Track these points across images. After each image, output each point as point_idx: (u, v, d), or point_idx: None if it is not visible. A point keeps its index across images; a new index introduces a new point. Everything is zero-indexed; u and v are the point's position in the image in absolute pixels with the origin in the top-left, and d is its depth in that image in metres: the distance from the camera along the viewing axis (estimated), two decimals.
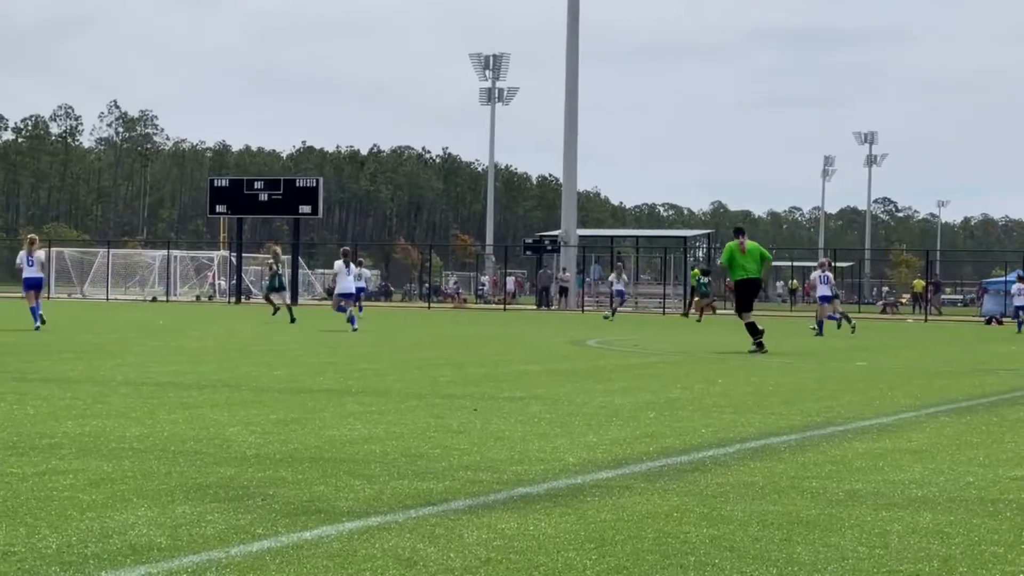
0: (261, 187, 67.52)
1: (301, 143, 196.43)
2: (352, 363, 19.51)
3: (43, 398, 12.93)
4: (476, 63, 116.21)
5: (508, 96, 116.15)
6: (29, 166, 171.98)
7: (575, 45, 73.22)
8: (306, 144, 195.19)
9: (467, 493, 7.84)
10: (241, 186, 67.93)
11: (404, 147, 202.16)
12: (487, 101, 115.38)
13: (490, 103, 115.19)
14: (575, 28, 73.04)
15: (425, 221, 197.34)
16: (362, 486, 7.96)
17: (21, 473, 8.15)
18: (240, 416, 11.69)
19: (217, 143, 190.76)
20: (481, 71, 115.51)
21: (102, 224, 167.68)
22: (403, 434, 10.63)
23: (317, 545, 6.27)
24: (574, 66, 73.22)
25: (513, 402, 13.74)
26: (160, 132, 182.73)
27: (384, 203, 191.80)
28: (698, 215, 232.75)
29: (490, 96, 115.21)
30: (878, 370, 19.19)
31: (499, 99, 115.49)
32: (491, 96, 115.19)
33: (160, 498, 7.37)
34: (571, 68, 73.25)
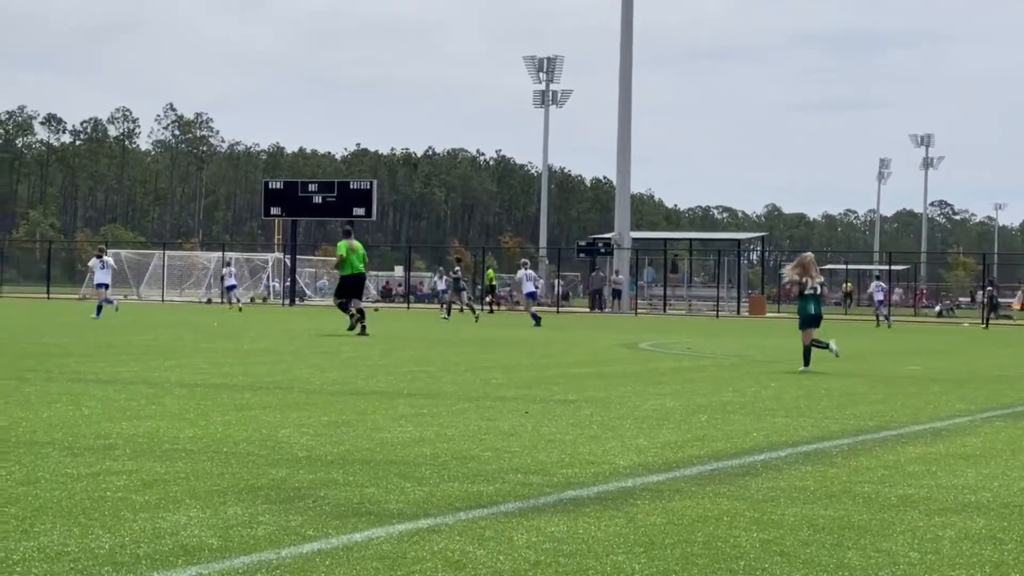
0: (315, 189, 67.76)
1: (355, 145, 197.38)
2: (403, 365, 19.55)
3: (98, 399, 13.04)
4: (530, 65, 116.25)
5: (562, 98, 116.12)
6: (87, 168, 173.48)
7: (629, 48, 73.09)
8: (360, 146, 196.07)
9: (517, 496, 7.84)
10: (296, 188, 68.21)
11: (458, 149, 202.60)
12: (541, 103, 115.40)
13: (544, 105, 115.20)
14: (629, 31, 72.92)
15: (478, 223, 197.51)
16: (412, 488, 7.98)
17: (76, 473, 8.23)
18: (292, 418, 11.75)
19: (271, 145, 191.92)
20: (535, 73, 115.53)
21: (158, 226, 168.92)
22: (454, 436, 10.65)
23: (367, 547, 6.29)
24: (628, 68, 73.10)
25: (564, 405, 13.73)
26: (215, 135, 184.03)
27: (438, 205, 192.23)
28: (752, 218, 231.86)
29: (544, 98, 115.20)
30: (932, 374, 19.05)
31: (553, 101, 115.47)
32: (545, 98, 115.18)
33: (212, 499, 7.42)
34: (625, 70, 73.13)
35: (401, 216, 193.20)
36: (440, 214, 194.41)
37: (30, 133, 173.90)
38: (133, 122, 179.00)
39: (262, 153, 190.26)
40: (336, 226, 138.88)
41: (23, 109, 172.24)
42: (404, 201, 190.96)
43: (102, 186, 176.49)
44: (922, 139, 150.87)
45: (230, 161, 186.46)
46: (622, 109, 73.25)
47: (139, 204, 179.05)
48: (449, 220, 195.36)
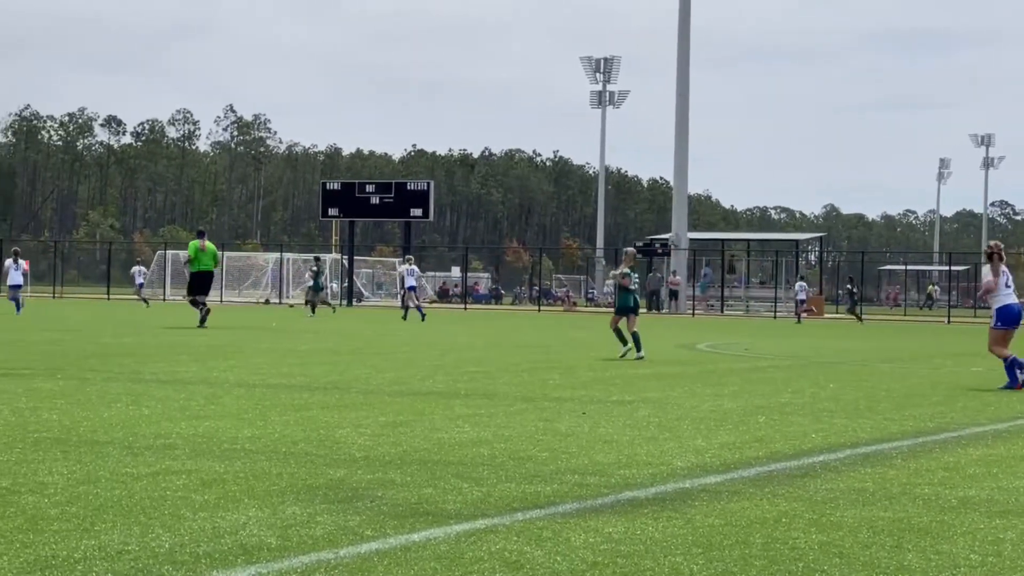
0: (373, 190, 68.04)
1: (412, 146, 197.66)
2: (461, 366, 19.59)
3: (158, 399, 13.14)
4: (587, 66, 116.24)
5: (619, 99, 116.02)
6: (146, 170, 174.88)
7: (686, 48, 72.90)
8: (417, 147, 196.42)
9: (574, 496, 7.84)
10: (353, 189, 68.51)
11: (515, 150, 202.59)
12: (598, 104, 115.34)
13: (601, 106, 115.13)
14: (686, 31, 72.73)
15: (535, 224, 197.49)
16: (470, 489, 8.00)
17: (136, 473, 8.30)
18: (350, 418, 11.80)
19: (329, 146, 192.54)
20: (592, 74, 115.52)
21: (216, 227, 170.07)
22: (511, 437, 10.66)
23: (424, 547, 6.31)
24: (685, 69, 72.92)
25: (621, 406, 13.72)
26: (273, 136, 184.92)
27: (495, 206, 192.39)
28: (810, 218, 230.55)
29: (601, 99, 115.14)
30: (994, 376, 18.83)
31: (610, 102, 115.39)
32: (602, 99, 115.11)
33: (271, 499, 7.46)
34: (682, 71, 72.96)
35: (458, 217, 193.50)
36: (497, 215, 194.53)
37: (90, 135, 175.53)
38: (193, 124, 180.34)
39: (320, 154, 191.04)
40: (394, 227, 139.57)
41: (83, 111, 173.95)
42: (461, 202, 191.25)
43: (161, 187, 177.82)
44: (982, 139, 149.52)
45: (288, 162, 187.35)
46: (679, 109, 73.06)
47: (197, 205, 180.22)
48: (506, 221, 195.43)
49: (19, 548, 6.05)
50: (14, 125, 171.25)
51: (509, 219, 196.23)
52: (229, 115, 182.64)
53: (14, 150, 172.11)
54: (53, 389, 13.98)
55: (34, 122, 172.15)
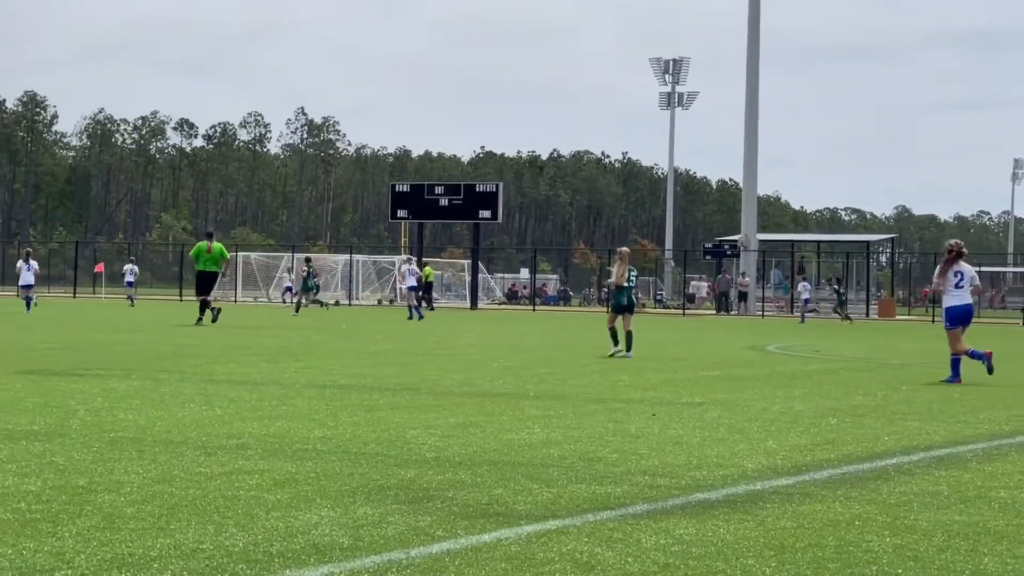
0: (441, 192, 68.17)
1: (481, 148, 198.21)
2: (530, 367, 19.60)
3: (230, 399, 13.25)
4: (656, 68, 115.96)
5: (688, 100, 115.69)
6: (217, 172, 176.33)
7: (756, 49, 72.55)
8: (486, 149, 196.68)
9: (645, 498, 7.82)
10: (422, 191, 68.68)
11: (583, 152, 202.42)
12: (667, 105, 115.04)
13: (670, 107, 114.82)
14: (756, 32, 72.37)
15: (604, 226, 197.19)
16: (540, 489, 8.00)
17: (209, 472, 8.37)
18: (420, 419, 11.84)
19: (398, 148, 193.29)
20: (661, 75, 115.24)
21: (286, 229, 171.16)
22: (581, 438, 10.65)
23: (495, 547, 6.32)
24: (755, 70, 72.56)
25: (691, 407, 13.67)
26: (342, 138, 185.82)
27: (563, 208, 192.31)
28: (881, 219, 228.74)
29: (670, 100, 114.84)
30: None
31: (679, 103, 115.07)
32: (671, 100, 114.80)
33: (342, 499, 7.50)
34: (752, 72, 72.60)
35: (526, 218, 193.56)
36: (565, 216, 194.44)
37: (163, 138, 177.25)
38: (264, 127, 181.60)
39: (389, 156, 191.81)
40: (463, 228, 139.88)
41: (156, 114, 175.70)
42: (530, 203, 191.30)
43: (232, 189, 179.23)
44: None
45: (357, 164, 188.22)
46: (749, 110, 72.73)
47: (268, 207, 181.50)
48: (574, 222, 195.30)
49: (96, 546, 6.12)
50: (88, 128, 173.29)
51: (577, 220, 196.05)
52: (300, 117, 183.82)
53: (89, 153, 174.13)
54: (128, 389, 14.14)
55: (108, 125, 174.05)
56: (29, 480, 7.90)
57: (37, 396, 13.12)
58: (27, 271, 43.49)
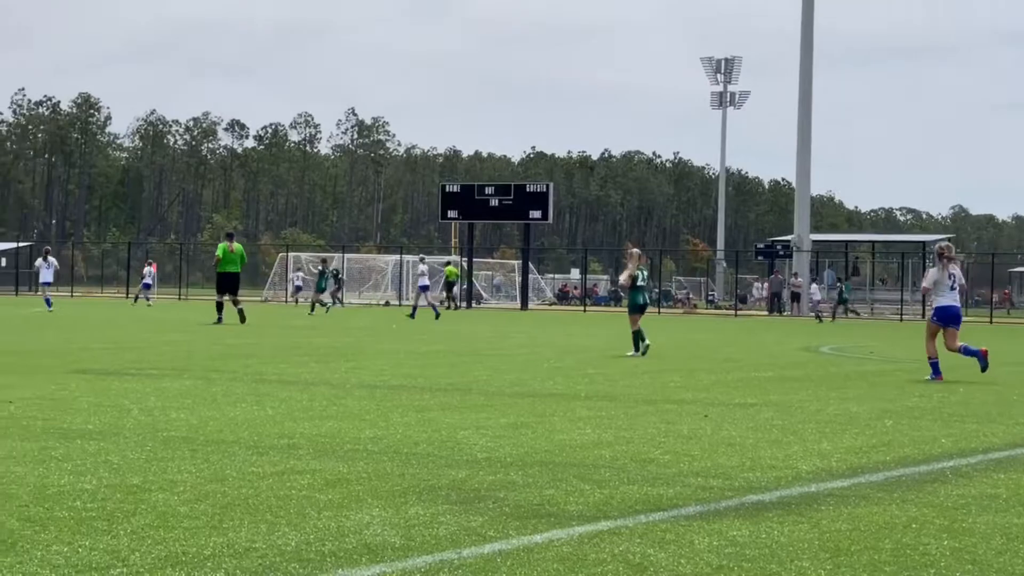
0: (492, 192, 68.20)
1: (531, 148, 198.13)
2: (581, 368, 19.58)
3: (281, 399, 13.30)
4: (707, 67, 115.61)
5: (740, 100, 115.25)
6: (268, 173, 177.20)
7: (809, 48, 72.18)
8: (536, 149, 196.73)
9: (698, 499, 7.79)
10: (472, 191, 68.74)
11: (634, 152, 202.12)
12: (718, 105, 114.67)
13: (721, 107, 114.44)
14: (809, 31, 72.00)
15: (655, 226, 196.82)
16: (592, 490, 7.99)
17: (261, 472, 8.40)
18: (471, 419, 11.84)
19: (448, 149, 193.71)
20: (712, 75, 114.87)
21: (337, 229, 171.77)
22: (633, 439, 10.63)
23: (547, 548, 6.31)
24: (808, 68, 72.19)
25: (744, 408, 13.62)
26: (392, 138, 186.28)
27: (614, 208, 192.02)
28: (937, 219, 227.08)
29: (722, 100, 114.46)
30: None
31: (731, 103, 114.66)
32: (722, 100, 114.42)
33: (394, 499, 7.51)
34: (805, 71, 72.24)
35: (577, 219, 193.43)
36: (616, 217, 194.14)
37: (214, 139, 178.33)
38: (315, 127, 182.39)
39: (439, 156, 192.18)
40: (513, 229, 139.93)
41: (207, 115, 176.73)
42: (580, 204, 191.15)
43: (283, 190, 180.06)
44: None
45: (407, 164, 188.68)
46: (802, 110, 72.37)
47: (318, 207, 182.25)
48: (625, 223, 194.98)
49: (151, 544, 6.16)
50: (141, 130, 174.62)
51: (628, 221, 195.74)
52: (350, 118, 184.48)
53: (141, 154, 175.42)
54: (180, 389, 14.22)
55: (160, 127, 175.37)
56: (84, 479, 7.96)
57: (91, 395, 13.22)
58: (46, 269, 44.16)
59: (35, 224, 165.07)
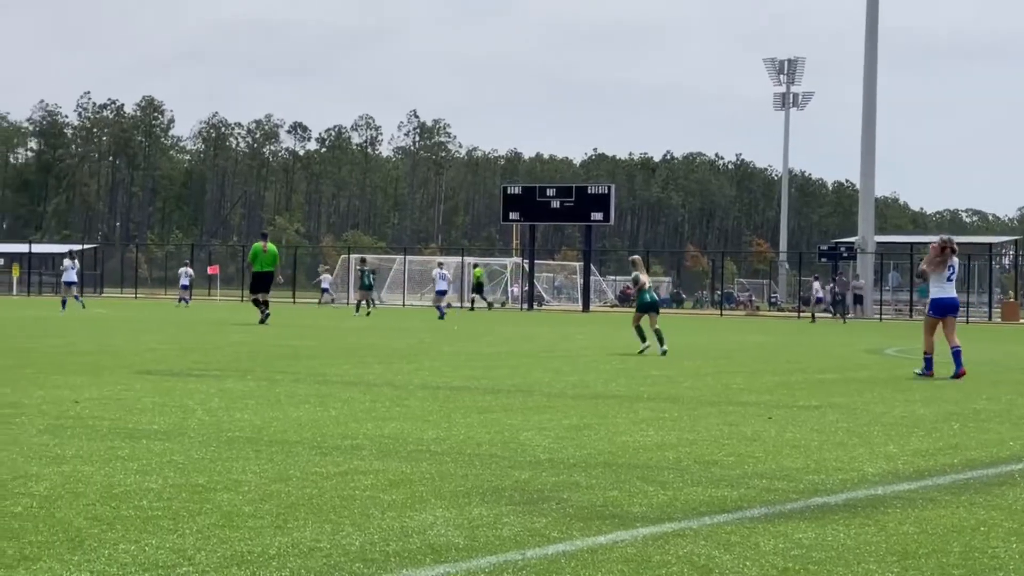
0: (553, 194, 68.16)
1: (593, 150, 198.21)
2: (643, 369, 19.54)
3: (344, 400, 13.36)
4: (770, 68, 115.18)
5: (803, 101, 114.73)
6: (330, 175, 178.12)
7: (874, 48, 71.70)
8: (598, 151, 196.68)
9: (762, 501, 7.76)
10: (534, 193, 68.72)
11: (696, 153, 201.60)
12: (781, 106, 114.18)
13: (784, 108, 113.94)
14: (874, 31, 71.53)
15: (717, 228, 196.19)
16: (655, 492, 7.97)
17: (325, 472, 8.44)
18: (534, 421, 11.85)
19: (509, 151, 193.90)
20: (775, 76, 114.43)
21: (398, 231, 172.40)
22: (696, 441, 10.60)
23: (611, 550, 6.30)
24: (873, 69, 71.71)
25: (808, 410, 13.54)
26: (453, 140, 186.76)
27: (675, 210, 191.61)
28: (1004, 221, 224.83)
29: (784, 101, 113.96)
30: None
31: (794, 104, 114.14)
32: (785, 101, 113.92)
33: (457, 500, 7.53)
34: (869, 72, 71.76)
35: (638, 221, 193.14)
36: (678, 218, 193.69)
37: (276, 141, 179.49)
38: (376, 129, 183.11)
39: (500, 158, 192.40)
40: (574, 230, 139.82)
41: (270, 118, 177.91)
42: (641, 206, 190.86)
43: (345, 192, 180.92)
44: None
45: (469, 166, 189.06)
46: (866, 111, 71.90)
47: (380, 209, 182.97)
48: (687, 225, 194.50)
49: (216, 543, 6.20)
50: (203, 132, 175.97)
51: (690, 223, 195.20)
52: (411, 120, 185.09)
53: (203, 156, 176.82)
54: (244, 390, 14.32)
55: (222, 129, 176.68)
56: (150, 478, 8.03)
57: (156, 396, 13.34)
58: (71, 270, 45.55)
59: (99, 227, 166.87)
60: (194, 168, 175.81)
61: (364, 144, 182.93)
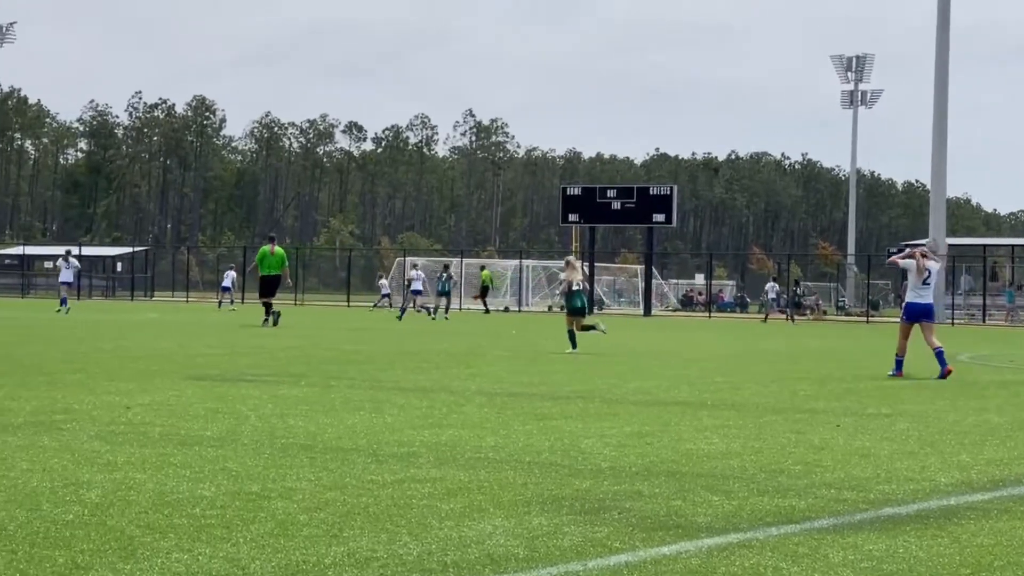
0: (614, 195, 68.11)
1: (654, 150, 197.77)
2: (707, 376, 19.48)
3: (399, 407, 13.40)
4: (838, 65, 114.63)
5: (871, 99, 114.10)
6: (386, 176, 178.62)
7: (945, 45, 71.12)
8: (659, 151, 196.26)
9: (831, 512, 7.72)
10: (593, 194, 68.67)
11: (761, 153, 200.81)
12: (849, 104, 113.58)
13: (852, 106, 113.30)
14: (945, 27, 70.97)
15: (782, 229, 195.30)
16: (720, 502, 7.95)
17: (381, 480, 8.47)
18: (594, 428, 11.84)
19: (568, 150, 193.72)
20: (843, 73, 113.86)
21: (454, 233, 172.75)
22: (762, 449, 10.57)
23: (675, 560, 6.29)
24: (944, 66, 71.14)
25: (878, 418, 13.46)
26: (511, 140, 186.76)
27: (739, 211, 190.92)
28: None
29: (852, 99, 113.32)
30: None
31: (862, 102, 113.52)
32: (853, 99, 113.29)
33: (516, 509, 7.53)
34: (940, 69, 71.20)
35: (701, 222, 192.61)
36: (742, 220, 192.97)
37: (331, 141, 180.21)
38: (432, 129, 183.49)
39: (559, 158, 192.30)
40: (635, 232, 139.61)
41: (325, 118, 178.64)
42: (704, 207, 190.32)
43: (400, 193, 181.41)
44: None
45: (527, 167, 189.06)
46: (937, 109, 71.34)
47: (436, 211, 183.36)
48: (751, 226, 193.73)
49: (271, 552, 6.24)
50: (256, 132, 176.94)
51: (754, 224, 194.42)
52: (467, 120, 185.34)
53: (256, 157, 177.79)
54: (298, 396, 14.40)
55: (275, 129, 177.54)
56: (203, 486, 8.09)
57: (208, 402, 13.43)
58: (66, 269, 46.04)
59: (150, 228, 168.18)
60: (246, 169, 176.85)
61: (420, 144, 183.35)
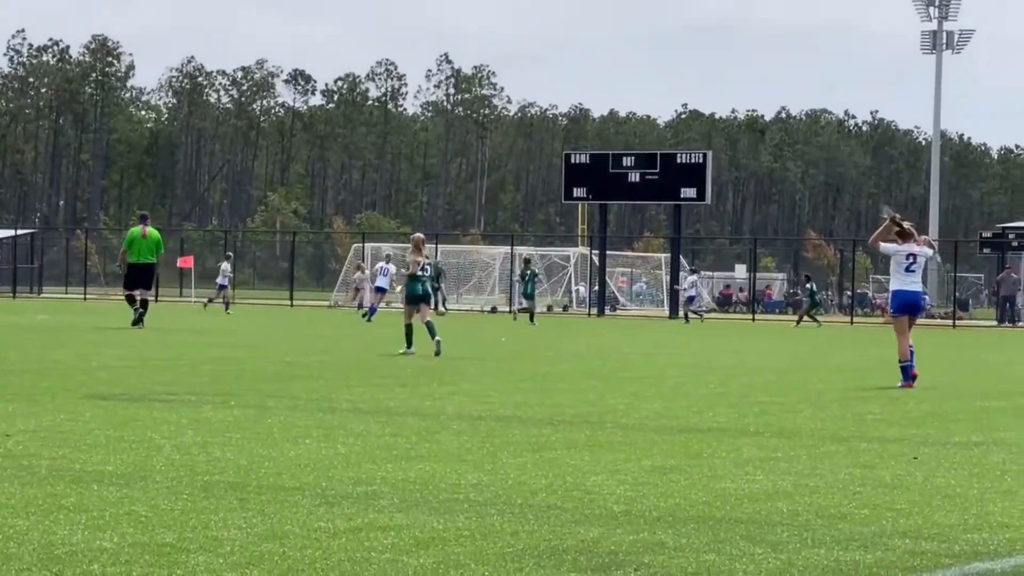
0: (631, 164, 68.11)
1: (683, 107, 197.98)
2: (749, 394, 19.53)
3: (356, 434, 13.41)
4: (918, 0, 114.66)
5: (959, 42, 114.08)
6: (340, 139, 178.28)
7: None
8: (689, 108, 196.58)
9: (906, 567, 7.77)
10: (605, 163, 68.70)
11: (820, 111, 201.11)
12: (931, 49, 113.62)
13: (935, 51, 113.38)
14: None
15: (846, 209, 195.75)
16: (765, 555, 7.98)
17: (332, 528, 8.49)
18: (605, 461, 11.87)
19: (573, 108, 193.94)
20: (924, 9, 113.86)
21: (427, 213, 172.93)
22: (818, 488, 10.60)
23: None
24: None
25: (966, 448, 13.51)
26: (500, 94, 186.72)
27: (792, 185, 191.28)
28: None
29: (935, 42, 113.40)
30: None
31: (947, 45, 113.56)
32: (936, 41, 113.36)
33: (504, 565, 7.56)
34: None
35: (743, 199, 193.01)
36: (795, 196, 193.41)
37: (270, 95, 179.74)
38: (398, 79, 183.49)
39: (561, 118, 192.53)
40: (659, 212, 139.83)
41: (262, 65, 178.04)
42: (748, 179, 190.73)
43: (358, 161, 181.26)
44: None
45: (520, 128, 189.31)
46: None
47: (404, 184, 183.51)
48: (807, 204, 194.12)
49: None
50: (174, 84, 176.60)
51: (811, 202, 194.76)
52: (444, 68, 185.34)
53: (174, 116, 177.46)
54: (226, 420, 14.41)
55: (199, 79, 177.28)
56: (103, 535, 8.09)
57: (111, 428, 13.43)
58: None
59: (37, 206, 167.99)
60: (161, 130, 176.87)
61: (384, 98, 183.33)
